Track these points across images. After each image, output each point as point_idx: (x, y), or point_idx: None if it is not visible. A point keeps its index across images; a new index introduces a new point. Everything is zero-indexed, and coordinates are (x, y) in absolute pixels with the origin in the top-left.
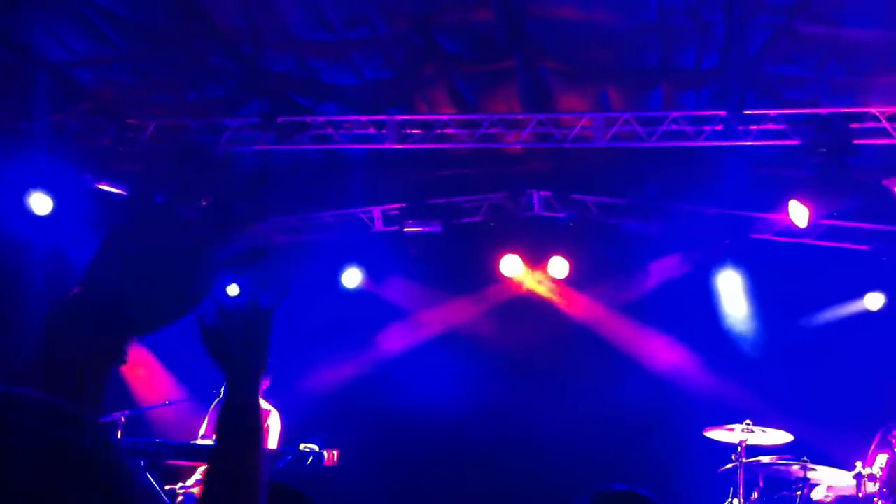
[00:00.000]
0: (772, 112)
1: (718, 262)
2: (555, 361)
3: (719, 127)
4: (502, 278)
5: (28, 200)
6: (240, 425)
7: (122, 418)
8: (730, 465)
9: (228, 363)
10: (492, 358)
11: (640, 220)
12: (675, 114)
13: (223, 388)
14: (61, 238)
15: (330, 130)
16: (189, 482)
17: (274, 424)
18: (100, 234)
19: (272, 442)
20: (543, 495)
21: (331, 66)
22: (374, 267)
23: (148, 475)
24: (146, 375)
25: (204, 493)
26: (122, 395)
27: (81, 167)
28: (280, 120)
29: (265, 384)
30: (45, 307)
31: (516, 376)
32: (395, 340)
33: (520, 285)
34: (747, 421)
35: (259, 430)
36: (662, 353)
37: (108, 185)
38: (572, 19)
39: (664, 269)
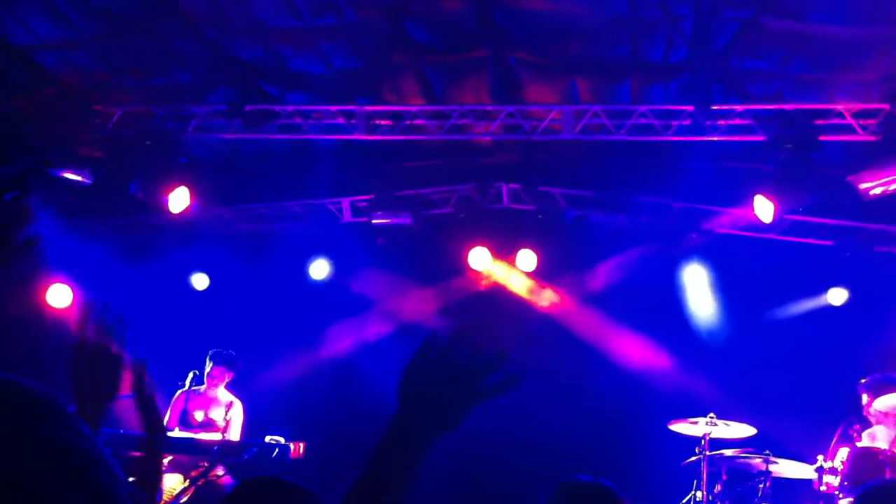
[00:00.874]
0: (738, 107)
1: (684, 256)
2: (519, 353)
3: (687, 122)
4: (470, 270)
5: None
6: (388, 483)
7: None
8: (693, 458)
9: (415, 400)
10: None
11: (608, 212)
12: (643, 108)
13: (188, 379)
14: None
15: (298, 120)
16: None
17: (237, 416)
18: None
19: (234, 434)
20: (508, 486)
21: (299, 54)
22: (343, 258)
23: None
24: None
25: None
26: None
27: (45, 154)
28: (248, 108)
29: (230, 377)
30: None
31: None
32: (362, 332)
33: (487, 277)
34: (711, 414)
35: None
36: (628, 346)
37: (73, 174)
38: (543, 10)
39: (630, 262)
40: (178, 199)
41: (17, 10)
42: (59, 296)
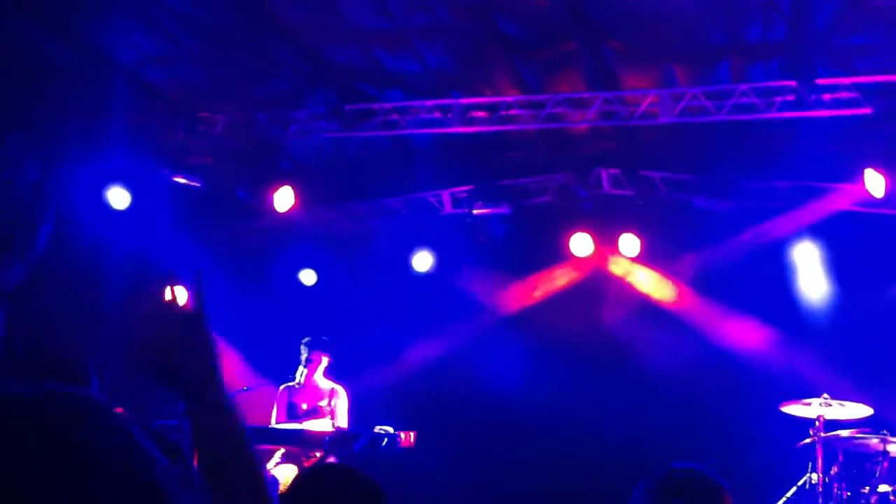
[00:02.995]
0: (844, 81)
1: (793, 234)
2: (626, 340)
3: (790, 98)
4: (572, 258)
5: (107, 196)
6: (225, 436)
7: None
8: (808, 440)
9: (180, 376)
10: (564, 338)
11: (710, 195)
12: (744, 86)
13: (299, 373)
14: (140, 233)
15: (396, 117)
16: (269, 465)
17: (342, 403)
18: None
19: (342, 420)
20: (620, 474)
21: (393, 54)
22: (444, 250)
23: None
24: (223, 362)
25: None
26: None
27: (158, 163)
28: (347, 108)
29: (329, 360)
30: (125, 301)
31: (589, 356)
32: (466, 322)
33: (590, 264)
34: (825, 395)
35: (245, 441)
36: (737, 328)
37: (184, 178)
38: None
39: (736, 243)
40: (283, 199)
41: (123, 28)
42: (176, 297)
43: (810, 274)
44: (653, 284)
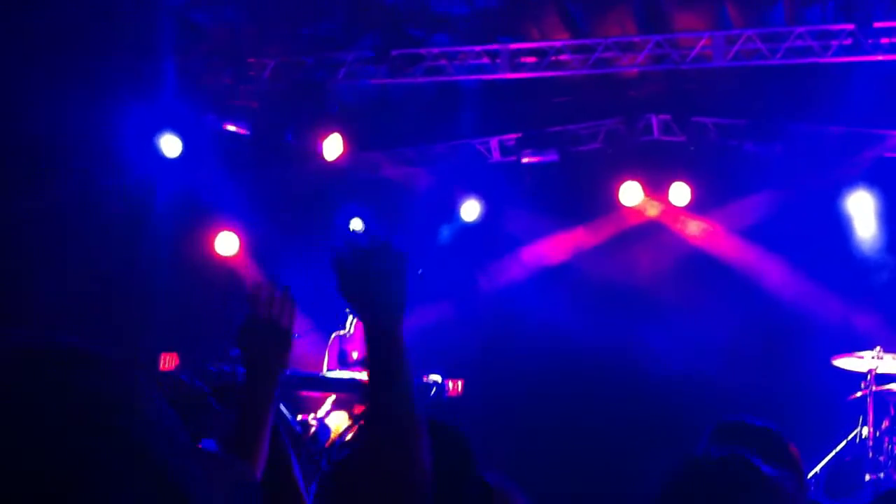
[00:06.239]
0: None
1: (847, 182)
2: (675, 290)
3: (847, 41)
4: (621, 206)
5: (157, 142)
6: (386, 365)
7: None
8: (859, 394)
9: (367, 305)
10: (611, 286)
11: (763, 141)
12: (800, 29)
13: (349, 322)
14: (190, 179)
15: (443, 62)
16: (320, 412)
17: None
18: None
19: None
20: (664, 426)
21: None
22: (492, 197)
23: (281, 406)
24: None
25: (363, 433)
26: None
27: (205, 108)
28: (394, 53)
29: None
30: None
31: (636, 305)
32: (513, 271)
33: (640, 212)
34: (878, 348)
35: (406, 367)
36: (788, 278)
37: (233, 125)
38: None
39: (788, 191)
40: (332, 146)
41: None
42: (227, 244)
43: (864, 223)
44: (702, 233)
